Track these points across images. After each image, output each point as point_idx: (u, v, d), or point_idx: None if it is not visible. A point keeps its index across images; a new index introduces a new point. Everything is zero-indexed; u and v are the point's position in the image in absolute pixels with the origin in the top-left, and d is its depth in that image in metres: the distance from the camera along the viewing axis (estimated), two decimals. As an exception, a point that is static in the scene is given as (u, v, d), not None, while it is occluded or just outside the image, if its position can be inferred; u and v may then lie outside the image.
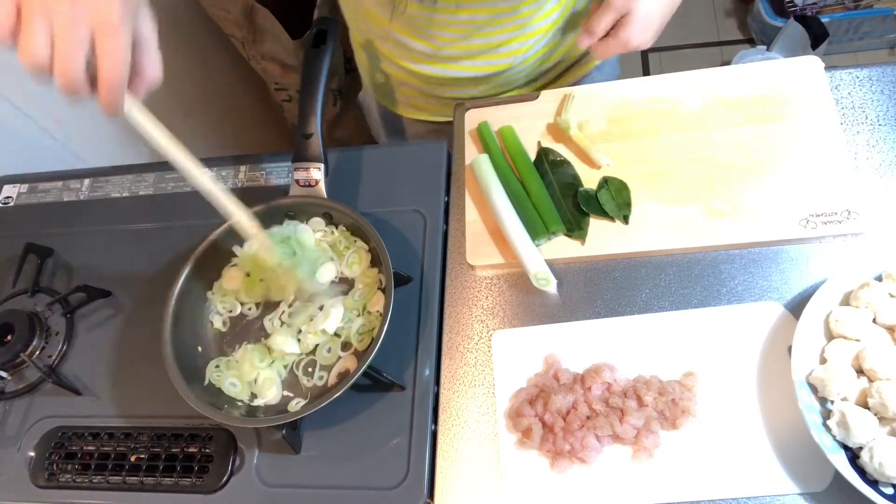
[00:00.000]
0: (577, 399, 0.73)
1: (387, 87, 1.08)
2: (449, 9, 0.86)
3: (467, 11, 0.87)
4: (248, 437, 0.81)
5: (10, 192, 1.09)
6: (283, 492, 0.78)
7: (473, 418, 0.77)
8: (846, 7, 1.98)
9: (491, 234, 0.86)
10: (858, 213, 0.77)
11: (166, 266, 0.96)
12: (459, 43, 0.90)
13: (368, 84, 1.14)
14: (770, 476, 0.68)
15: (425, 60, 0.95)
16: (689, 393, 0.72)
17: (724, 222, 0.80)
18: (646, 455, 0.71)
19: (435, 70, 0.96)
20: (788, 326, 0.73)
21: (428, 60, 0.94)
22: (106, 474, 0.81)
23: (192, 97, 1.57)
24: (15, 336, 0.92)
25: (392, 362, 0.80)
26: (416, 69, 0.96)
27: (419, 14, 0.87)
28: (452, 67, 0.95)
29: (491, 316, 0.83)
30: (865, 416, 0.64)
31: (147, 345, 0.88)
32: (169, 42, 1.57)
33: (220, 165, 1.03)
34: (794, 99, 0.86)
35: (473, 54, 0.92)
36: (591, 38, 0.81)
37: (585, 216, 0.83)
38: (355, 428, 0.79)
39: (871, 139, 0.83)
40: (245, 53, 1.63)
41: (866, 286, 0.70)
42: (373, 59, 1.04)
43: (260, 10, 1.51)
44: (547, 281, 0.80)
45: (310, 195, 0.87)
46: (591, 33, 0.80)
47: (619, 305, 0.80)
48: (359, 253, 0.86)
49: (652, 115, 0.89)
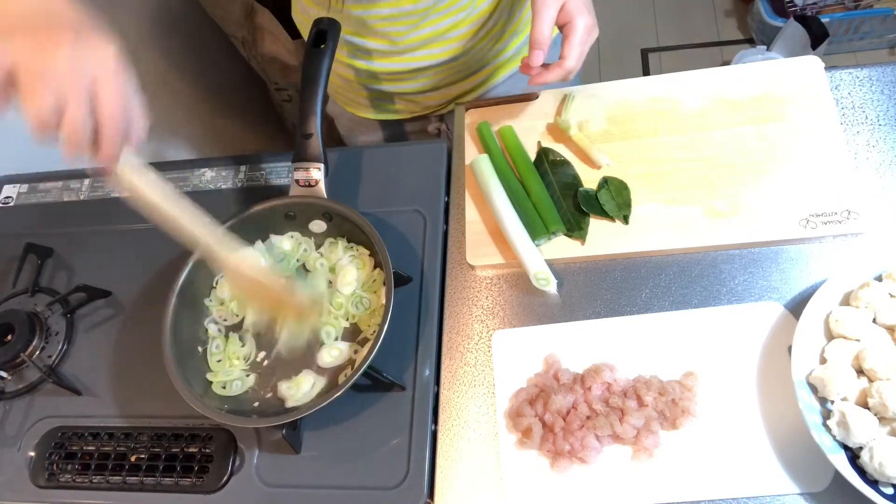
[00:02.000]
0: (577, 399, 0.73)
1: (351, 94, 1.09)
2: (390, 1, 0.87)
3: (408, 1, 0.88)
4: (248, 437, 0.81)
5: (10, 192, 1.09)
6: (283, 492, 0.78)
7: (473, 418, 0.77)
8: (846, 7, 1.98)
9: (491, 234, 0.86)
10: (858, 214, 0.77)
11: (166, 266, 0.96)
12: (410, 34, 0.91)
13: (333, 92, 1.14)
14: (770, 476, 0.68)
15: (383, 58, 0.95)
16: (689, 393, 0.72)
17: (725, 222, 0.80)
18: (646, 455, 0.71)
19: (395, 65, 0.96)
20: (788, 326, 0.73)
21: (386, 57, 0.95)
22: (106, 474, 0.81)
23: (193, 97, 1.57)
24: (15, 336, 0.92)
25: (392, 362, 0.80)
26: (375, 68, 0.97)
27: (363, 11, 0.88)
28: (410, 60, 0.95)
29: (491, 316, 0.83)
30: (865, 416, 0.64)
31: (147, 345, 0.88)
32: (169, 42, 1.58)
33: (220, 165, 1.03)
34: (795, 99, 0.86)
35: (427, 42, 0.93)
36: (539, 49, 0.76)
37: (585, 216, 0.84)
38: (355, 428, 0.79)
39: (871, 139, 0.83)
40: (245, 53, 1.63)
41: (866, 286, 0.70)
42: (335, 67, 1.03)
43: (260, 10, 1.51)
44: (547, 281, 0.80)
45: (310, 195, 0.87)
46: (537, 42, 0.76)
47: (619, 305, 0.80)
48: (361, 258, 0.87)
49: (652, 115, 0.89)
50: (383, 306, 0.78)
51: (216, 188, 1.01)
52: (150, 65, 1.39)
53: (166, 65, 1.45)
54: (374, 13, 0.89)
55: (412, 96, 1.04)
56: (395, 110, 1.09)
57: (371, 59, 0.97)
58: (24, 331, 0.92)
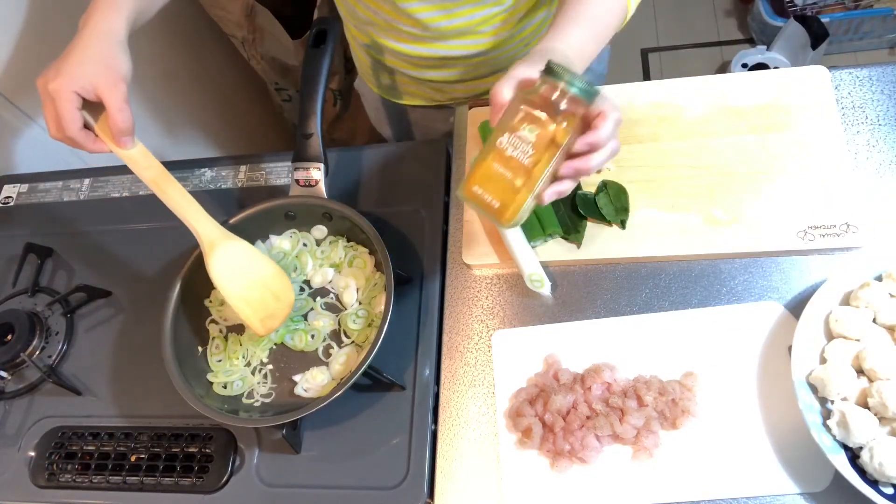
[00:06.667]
0: (577, 399, 0.73)
1: (379, 74, 1.09)
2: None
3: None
4: (248, 437, 0.81)
5: (10, 192, 1.09)
6: (283, 492, 0.78)
7: (473, 418, 0.77)
8: (846, 7, 1.98)
9: (487, 233, 0.85)
10: (857, 227, 0.76)
11: (166, 266, 0.96)
12: (443, 21, 0.91)
13: (362, 70, 1.15)
14: (770, 476, 0.68)
15: (413, 41, 0.95)
16: (689, 393, 0.72)
17: (723, 231, 0.80)
18: (646, 455, 0.71)
19: (423, 50, 0.96)
20: (788, 326, 0.73)
21: (416, 41, 0.95)
22: (106, 474, 0.81)
23: (193, 97, 1.57)
24: (15, 336, 0.92)
25: (392, 362, 0.80)
26: (406, 50, 0.97)
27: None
28: (440, 47, 0.95)
29: (491, 316, 0.83)
30: (865, 416, 0.64)
31: (147, 345, 0.88)
32: (169, 42, 1.58)
33: (220, 165, 1.03)
34: (799, 109, 0.85)
35: (459, 33, 0.93)
36: None
37: (583, 220, 0.83)
38: (355, 428, 0.79)
39: (871, 139, 0.83)
40: (245, 53, 1.63)
41: (866, 286, 0.70)
42: (364, 45, 1.04)
43: (260, 10, 1.51)
44: (541, 283, 0.80)
45: (310, 195, 0.87)
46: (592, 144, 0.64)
47: (618, 305, 0.80)
48: (362, 258, 0.87)
49: (654, 120, 0.89)
50: (380, 315, 0.78)
51: (216, 188, 1.01)
52: (150, 65, 1.39)
53: (166, 65, 1.45)
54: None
55: (439, 85, 1.04)
56: (420, 96, 1.09)
57: (402, 42, 0.96)
58: (24, 331, 0.92)
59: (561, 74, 0.59)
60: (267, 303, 0.80)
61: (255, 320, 0.79)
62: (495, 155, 0.61)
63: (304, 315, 0.86)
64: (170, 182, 0.78)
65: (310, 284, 0.88)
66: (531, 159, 0.61)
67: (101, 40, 0.73)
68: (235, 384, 0.83)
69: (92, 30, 0.74)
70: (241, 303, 0.79)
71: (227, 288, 0.78)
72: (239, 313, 0.79)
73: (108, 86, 0.71)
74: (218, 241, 0.79)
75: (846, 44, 2.07)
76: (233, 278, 0.79)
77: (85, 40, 0.73)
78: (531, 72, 0.64)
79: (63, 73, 0.71)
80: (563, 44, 0.69)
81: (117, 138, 0.74)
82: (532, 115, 0.60)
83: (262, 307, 0.80)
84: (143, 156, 0.77)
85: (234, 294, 0.79)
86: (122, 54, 0.74)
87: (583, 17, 0.70)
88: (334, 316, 0.85)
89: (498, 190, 0.62)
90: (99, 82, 0.71)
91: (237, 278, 0.79)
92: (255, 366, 0.84)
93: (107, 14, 0.75)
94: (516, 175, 0.61)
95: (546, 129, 0.60)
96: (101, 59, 0.72)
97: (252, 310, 0.79)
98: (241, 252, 0.81)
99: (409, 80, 1.06)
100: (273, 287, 0.81)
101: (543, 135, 0.60)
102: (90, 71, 0.71)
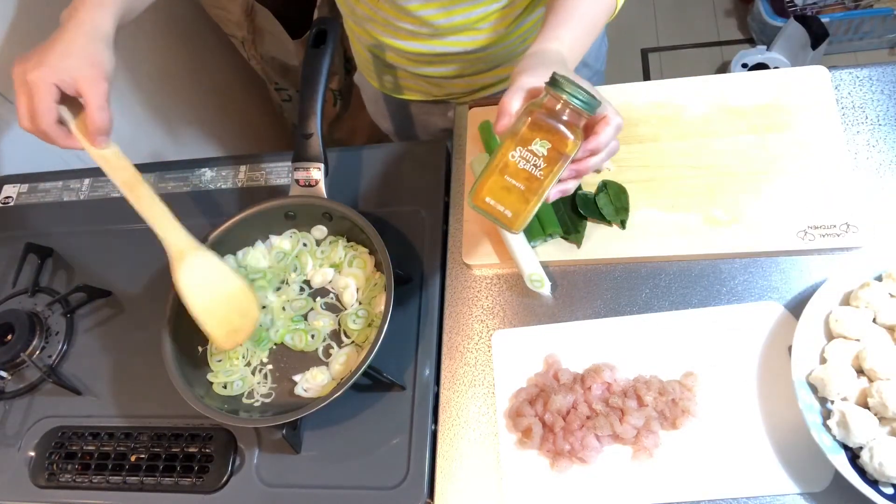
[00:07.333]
0: (577, 399, 0.73)
1: (378, 69, 1.09)
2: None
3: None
4: (248, 437, 0.81)
5: (10, 192, 1.09)
6: (283, 492, 0.78)
7: (473, 418, 0.77)
8: (846, 7, 1.98)
9: (487, 233, 0.86)
10: (857, 227, 0.76)
11: (166, 266, 0.95)
12: (442, 19, 0.91)
13: (361, 65, 1.16)
14: (770, 476, 0.68)
15: (412, 38, 0.95)
16: (689, 393, 0.72)
17: (723, 231, 0.80)
18: (646, 455, 0.71)
19: (422, 46, 0.96)
20: (788, 326, 0.73)
21: (414, 38, 0.95)
22: (106, 474, 0.81)
23: (193, 97, 1.57)
24: (15, 336, 0.92)
25: (392, 362, 0.80)
26: (404, 46, 0.97)
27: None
28: (438, 43, 0.95)
29: (491, 316, 0.83)
30: (865, 416, 0.64)
31: (147, 345, 0.88)
32: (169, 42, 1.58)
33: (220, 165, 1.03)
34: (799, 109, 0.85)
35: (457, 30, 0.93)
36: None
37: (583, 220, 0.83)
38: (355, 428, 0.79)
39: (871, 139, 0.83)
40: (245, 53, 1.63)
41: (866, 286, 0.70)
42: (363, 41, 1.05)
43: (260, 10, 1.51)
44: (541, 283, 0.80)
45: (310, 195, 0.87)
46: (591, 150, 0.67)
47: (618, 305, 0.80)
48: (362, 258, 0.87)
49: (653, 120, 0.89)
50: (380, 315, 0.78)
51: (216, 188, 1.01)
52: (150, 64, 1.39)
53: (166, 65, 1.45)
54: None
55: (437, 80, 1.04)
56: (419, 91, 1.09)
57: (401, 38, 0.96)
58: (24, 331, 0.92)
59: (566, 87, 0.61)
60: (232, 318, 0.79)
61: (220, 334, 0.78)
62: (508, 168, 0.63)
63: (304, 315, 0.86)
64: (142, 186, 0.76)
65: (310, 284, 0.88)
66: (542, 172, 0.63)
67: (86, 36, 0.71)
68: (235, 384, 0.83)
69: (78, 24, 0.71)
70: (206, 315, 0.77)
71: (192, 300, 0.77)
72: (203, 326, 0.77)
73: (90, 82, 0.69)
74: (187, 252, 0.77)
75: (846, 44, 2.07)
76: (199, 291, 0.77)
77: (70, 34, 0.71)
78: (536, 81, 0.65)
79: (45, 63, 0.68)
80: (558, 44, 0.70)
81: (94, 137, 0.72)
82: (542, 129, 0.62)
83: (226, 322, 0.78)
84: (117, 157, 0.75)
85: (198, 306, 0.77)
86: (108, 52, 0.72)
87: (574, 16, 0.71)
88: (334, 316, 0.85)
89: (510, 200, 0.64)
90: (81, 77, 0.69)
91: (203, 291, 0.77)
92: (255, 366, 0.84)
93: (93, 10, 0.73)
94: (528, 186, 0.63)
95: (557, 143, 0.62)
96: (86, 54, 0.70)
97: (216, 323, 0.78)
98: (209, 265, 0.79)
99: (407, 76, 1.06)
100: (239, 302, 0.79)
101: (554, 149, 0.62)
102: (73, 65, 0.69)
